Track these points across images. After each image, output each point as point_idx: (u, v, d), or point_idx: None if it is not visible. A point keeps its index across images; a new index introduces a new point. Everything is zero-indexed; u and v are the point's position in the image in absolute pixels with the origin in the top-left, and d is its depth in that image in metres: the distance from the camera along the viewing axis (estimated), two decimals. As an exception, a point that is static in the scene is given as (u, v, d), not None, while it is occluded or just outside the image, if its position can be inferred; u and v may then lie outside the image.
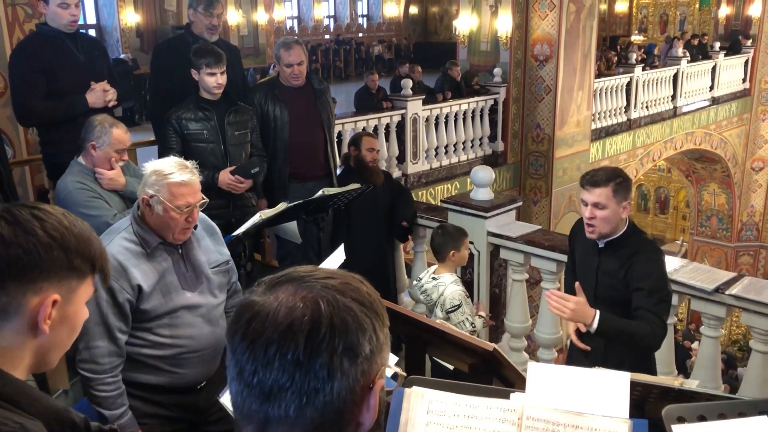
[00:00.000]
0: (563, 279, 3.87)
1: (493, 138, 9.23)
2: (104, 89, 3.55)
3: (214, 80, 3.65)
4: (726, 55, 13.59)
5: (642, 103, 11.45)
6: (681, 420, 1.29)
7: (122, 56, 14.04)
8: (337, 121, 6.09)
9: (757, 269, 14.59)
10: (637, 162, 11.68)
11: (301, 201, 3.58)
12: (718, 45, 14.17)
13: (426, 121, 8.18)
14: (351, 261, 2.88)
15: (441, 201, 4.99)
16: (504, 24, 9.06)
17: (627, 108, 11.14)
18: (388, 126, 7.72)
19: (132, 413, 2.31)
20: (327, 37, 21.75)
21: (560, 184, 9.45)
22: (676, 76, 12.15)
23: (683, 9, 21.91)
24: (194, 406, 2.48)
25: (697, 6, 21.49)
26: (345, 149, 5.49)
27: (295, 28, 21.15)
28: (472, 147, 8.93)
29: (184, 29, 4.23)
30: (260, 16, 17.60)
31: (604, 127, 10.69)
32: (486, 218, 4.40)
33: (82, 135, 3.01)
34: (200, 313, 2.41)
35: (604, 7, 22.02)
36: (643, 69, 11.50)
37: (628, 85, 11.02)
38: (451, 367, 2.78)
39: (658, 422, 1.31)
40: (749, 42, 14.53)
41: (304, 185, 4.19)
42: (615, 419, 1.27)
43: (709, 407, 1.32)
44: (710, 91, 13.19)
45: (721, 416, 1.29)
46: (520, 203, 4.95)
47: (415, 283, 3.88)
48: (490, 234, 4.41)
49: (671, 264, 3.43)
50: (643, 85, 11.37)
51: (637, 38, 21.77)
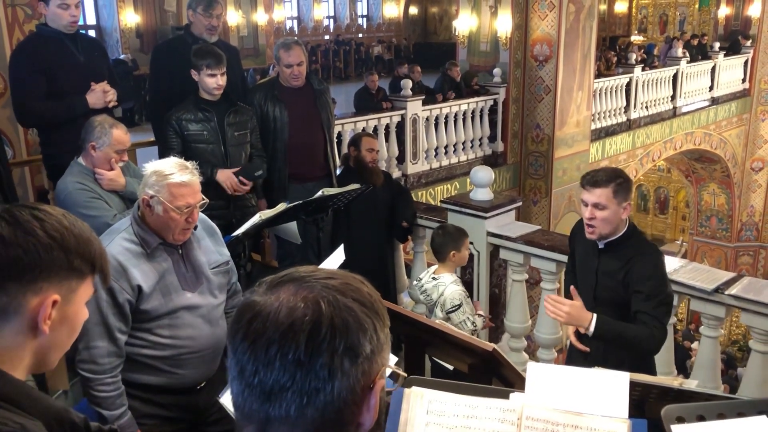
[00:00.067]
0: (563, 280, 3.87)
1: (492, 138, 9.23)
2: (104, 90, 3.56)
3: (214, 81, 3.65)
4: (725, 55, 13.59)
5: (642, 104, 11.45)
6: (680, 420, 1.29)
7: (122, 57, 14.05)
8: (336, 122, 6.10)
9: (757, 269, 14.59)
10: (637, 162, 11.68)
11: (300, 201, 3.58)
12: (717, 45, 14.18)
13: (426, 122, 8.18)
14: (351, 261, 2.88)
15: (441, 201, 4.98)
16: (503, 24, 9.06)
17: (627, 108, 11.14)
18: (387, 126, 7.72)
19: (131, 413, 2.31)
20: (327, 37, 21.76)
21: (560, 184, 9.45)
22: (675, 77, 12.15)
23: (683, 9, 21.92)
24: (194, 407, 2.48)
25: (697, 6, 21.51)
26: (345, 150, 5.49)
27: (295, 29, 21.15)
28: (471, 147, 8.93)
29: (184, 30, 4.23)
30: (260, 17, 17.60)
31: (603, 127, 10.69)
32: (486, 218, 4.40)
33: (82, 135, 3.01)
34: (200, 313, 2.41)
35: (603, 7, 22.04)
36: (643, 69, 11.50)
37: (628, 85, 11.02)
38: (450, 367, 2.78)
39: (658, 422, 1.31)
40: (749, 42, 14.54)
41: (304, 186, 4.19)
42: (614, 419, 1.27)
43: (708, 407, 1.32)
44: (710, 91, 13.20)
45: (720, 416, 1.29)
46: (520, 203, 4.95)
47: (415, 283, 3.88)
48: (490, 234, 4.41)
49: (671, 264, 3.43)
50: (643, 86, 11.37)
51: (636, 38, 21.79)
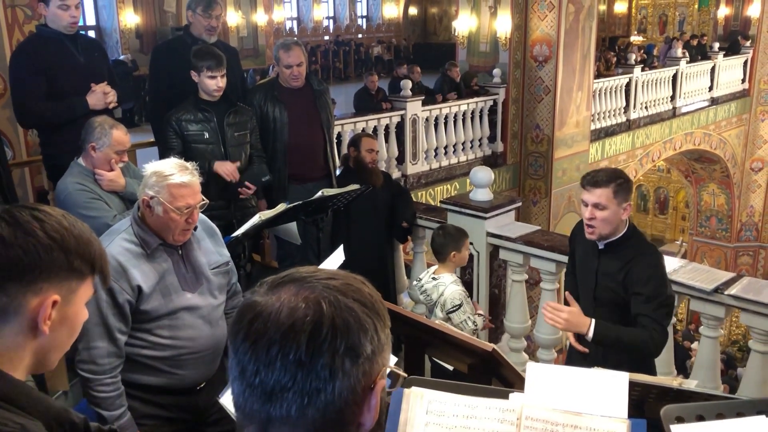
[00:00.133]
0: (563, 281, 3.87)
1: (492, 139, 9.23)
2: (105, 91, 3.56)
3: (214, 83, 3.65)
4: (725, 55, 13.59)
5: (641, 104, 11.45)
6: (679, 420, 1.29)
7: (122, 57, 14.03)
8: (336, 122, 6.10)
9: (757, 269, 14.59)
10: (637, 162, 11.68)
11: (300, 202, 3.58)
12: (717, 45, 14.18)
13: (425, 122, 8.18)
14: (350, 262, 2.87)
15: (440, 202, 4.99)
16: (503, 25, 9.06)
17: (626, 108, 11.14)
18: (387, 127, 7.72)
19: (131, 414, 2.31)
20: (326, 38, 21.76)
21: (559, 184, 9.45)
22: (675, 77, 12.15)
23: (682, 9, 21.94)
24: (194, 407, 2.48)
25: (696, 6, 21.52)
26: (344, 150, 5.49)
27: (295, 29, 21.15)
28: (471, 148, 8.93)
29: (183, 31, 4.23)
30: (259, 17, 17.59)
31: (603, 127, 10.69)
32: (485, 219, 4.40)
33: (82, 136, 3.01)
34: (200, 314, 2.41)
35: (603, 7, 22.04)
36: (642, 69, 11.50)
37: (628, 85, 11.02)
38: (450, 367, 2.78)
39: (657, 422, 1.31)
40: (748, 42, 14.54)
41: (304, 186, 4.19)
42: (613, 419, 1.27)
43: (707, 407, 1.32)
44: (709, 91, 13.19)
45: (720, 416, 1.29)
46: (520, 204, 4.95)
47: (414, 283, 3.89)
48: (490, 234, 4.41)
49: (671, 264, 3.43)
50: (643, 86, 11.37)
51: (636, 39, 21.80)
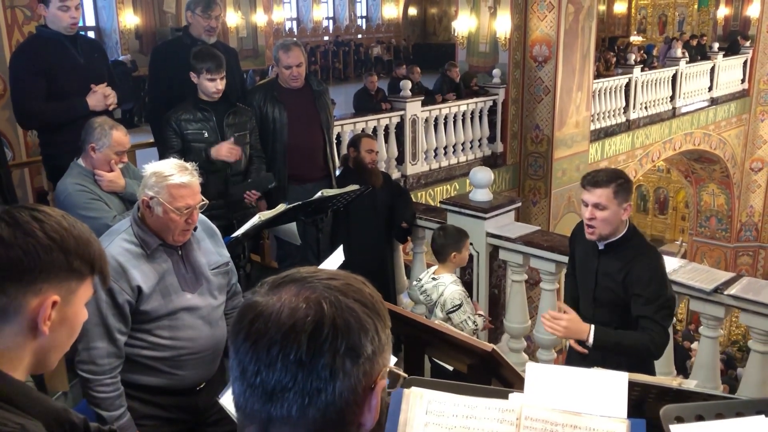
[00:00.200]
0: (563, 282, 3.87)
1: (492, 139, 9.23)
2: (105, 94, 3.55)
3: (213, 86, 3.65)
4: (725, 55, 13.59)
5: (641, 104, 11.45)
6: (679, 420, 1.30)
7: (121, 58, 14.03)
8: (336, 123, 6.10)
9: (757, 269, 14.59)
10: (636, 163, 11.68)
11: (300, 202, 3.58)
12: (716, 46, 14.18)
13: (425, 123, 8.18)
14: (350, 262, 2.87)
15: (440, 202, 4.99)
16: (503, 25, 9.06)
17: (626, 109, 11.14)
18: (387, 127, 7.72)
19: (131, 414, 2.31)
20: (326, 38, 21.76)
21: (559, 184, 9.45)
22: (674, 77, 12.15)
23: (682, 10, 21.94)
24: (193, 408, 2.48)
25: (696, 7, 21.52)
26: (344, 151, 5.49)
27: (294, 30, 21.15)
28: (471, 148, 8.93)
29: (183, 31, 4.23)
30: (259, 18, 17.58)
31: (603, 127, 10.69)
32: (485, 219, 4.40)
33: (82, 137, 3.01)
34: (200, 314, 2.41)
35: (602, 7, 22.05)
36: (642, 70, 11.51)
37: (627, 85, 11.03)
38: (450, 368, 2.78)
39: (656, 422, 1.31)
40: (748, 43, 14.55)
41: (303, 186, 4.19)
42: (613, 419, 1.27)
43: (706, 407, 1.32)
44: (709, 91, 13.20)
45: (719, 416, 1.29)
46: (519, 204, 4.96)
47: (414, 283, 3.89)
48: (489, 235, 4.41)
49: (670, 264, 3.43)
50: (642, 86, 11.37)
51: (635, 39, 21.80)
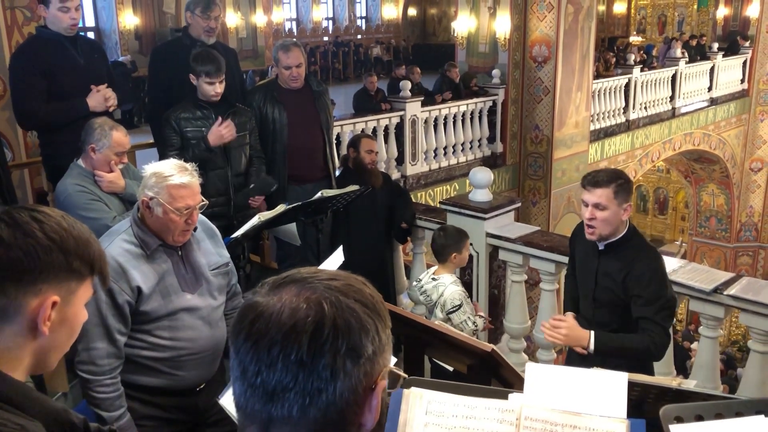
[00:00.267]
0: (562, 282, 3.87)
1: (491, 139, 9.23)
2: (106, 96, 3.55)
3: (212, 89, 3.65)
4: (724, 55, 13.60)
5: (640, 104, 11.45)
6: (678, 420, 1.30)
7: (121, 59, 14.03)
8: (335, 123, 6.10)
9: (756, 270, 14.59)
10: (636, 163, 11.69)
11: (299, 203, 3.59)
12: (716, 46, 14.18)
13: (425, 123, 8.19)
14: (350, 263, 2.87)
15: (440, 202, 4.99)
16: (502, 25, 9.06)
17: (625, 109, 11.15)
18: (386, 128, 7.72)
19: (131, 415, 2.31)
20: (326, 39, 21.76)
21: (559, 185, 9.45)
22: (674, 77, 12.16)
23: (681, 10, 21.94)
24: (193, 408, 2.48)
25: (696, 7, 21.52)
26: (344, 151, 5.50)
27: (294, 30, 21.15)
28: (471, 148, 8.93)
29: (182, 32, 4.23)
30: (259, 18, 17.58)
31: (602, 128, 10.69)
32: (485, 219, 4.40)
33: (82, 137, 3.01)
34: (200, 315, 2.41)
35: (602, 8, 22.05)
36: (642, 70, 11.51)
37: (627, 86, 11.03)
38: (450, 368, 2.78)
39: (656, 422, 1.31)
40: (747, 43, 14.55)
41: (303, 187, 4.19)
42: (612, 419, 1.27)
43: (706, 407, 1.32)
44: (709, 91, 13.20)
45: (719, 416, 1.29)
46: (519, 204, 4.96)
47: (414, 284, 3.89)
48: (489, 235, 4.41)
49: (670, 264, 3.43)
50: (642, 86, 11.37)
51: (635, 39, 21.81)
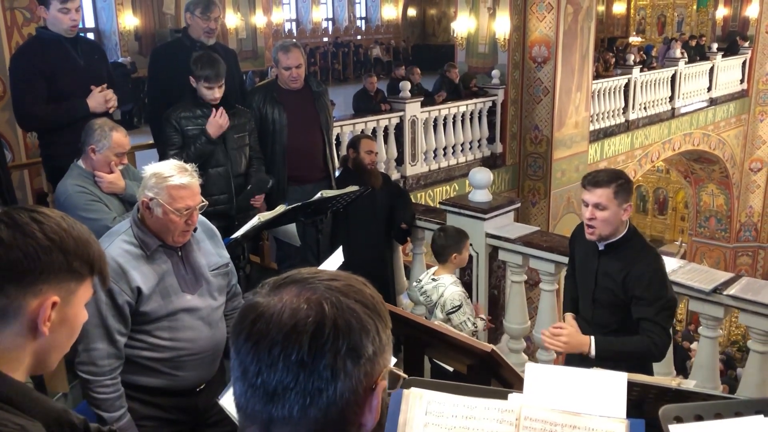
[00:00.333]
0: (562, 283, 3.87)
1: (491, 140, 9.23)
2: (107, 98, 3.56)
3: (210, 94, 3.65)
4: (724, 56, 13.60)
5: (640, 105, 11.46)
6: (678, 420, 1.29)
7: (120, 60, 14.04)
8: (335, 124, 6.10)
9: (756, 270, 14.59)
10: (636, 163, 11.69)
11: (299, 203, 3.59)
12: (715, 46, 14.19)
13: (424, 124, 8.19)
14: (350, 263, 2.87)
15: (439, 203, 4.99)
16: (502, 26, 9.06)
17: (625, 109, 11.15)
18: (386, 128, 7.72)
19: (131, 415, 2.31)
20: (325, 39, 21.76)
21: (558, 185, 9.45)
22: (674, 78, 12.16)
23: (681, 10, 21.96)
24: (193, 409, 2.48)
25: (695, 7, 21.54)
26: (344, 152, 5.50)
27: (294, 31, 21.15)
28: (470, 149, 8.93)
29: (182, 33, 4.24)
30: (258, 19, 17.59)
31: (602, 128, 10.70)
32: (484, 220, 4.40)
33: (82, 138, 3.01)
34: (200, 315, 2.41)
35: (601, 8, 22.06)
36: (641, 70, 11.51)
37: (626, 86, 11.03)
38: (450, 368, 2.78)
39: (656, 422, 1.31)
40: (747, 43, 14.56)
41: (303, 188, 4.19)
42: (612, 419, 1.27)
43: (705, 407, 1.32)
44: (708, 92, 13.21)
45: (718, 416, 1.29)
46: (519, 205, 4.96)
47: (414, 284, 3.89)
48: (489, 235, 4.41)
49: (669, 265, 3.43)
50: (641, 87, 11.38)
51: (634, 39, 21.81)
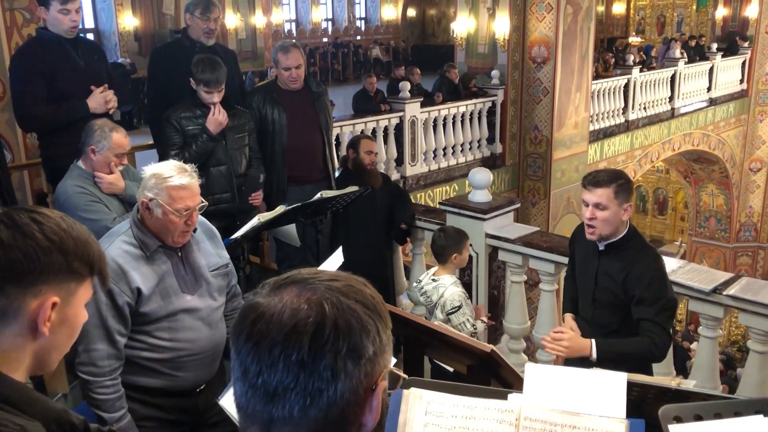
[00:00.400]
0: (562, 283, 3.87)
1: (491, 140, 9.23)
2: (107, 99, 3.55)
3: (209, 98, 3.65)
4: (723, 56, 13.60)
5: (640, 105, 11.46)
6: (678, 420, 1.30)
7: (120, 60, 14.04)
8: (335, 124, 6.11)
9: (756, 270, 14.59)
10: (636, 163, 11.69)
11: (299, 204, 3.59)
12: (715, 46, 14.20)
13: (424, 124, 8.19)
14: (349, 263, 2.87)
15: (439, 203, 4.99)
16: (501, 26, 9.06)
17: (625, 109, 11.15)
18: (386, 128, 7.72)
19: (131, 416, 2.31)
20: (325, 40, 21.76)
21: (558, 185, 9.46)
22: (673, 78, 12.16)
23: (680, 10, 21.96)
24: (193, 409, 2.48)
25: (695, 7, 21.54)
26: (343, 152, 5.50)
27: (293, 31, 21.15)
28: (470, 149, 8.93)
29: (182, 33, 4.24)
30: (258, 20, 17.59)
31: (602, 128, 10.70)
32: (484, 220, 4.40)
33: (82, 139, 3.01)
34: (200, 316, 2.41)
35: (601, 8, 22.07)
36: (641, 70, 11.51)
37: (626, 86, 11.03)
38: (450, 369, 2.78)
39: (655, 422, 1.31)
40: (746, 43, 14.56)
41: (303, 188, 4.19)
42: (612, 419, 1.27)
43: (705, 407, 1.33)
44: (708, 92, 13.21)
45: (717, 416, 1.29)
46: (518, 205, 4.96)
47: (414, 285, 3.89)
48: (489, 236, 4.41)
49: (669, 265, 3.43)
50: (641, 87, 11.38)
51: (634, 40, 21.82)
